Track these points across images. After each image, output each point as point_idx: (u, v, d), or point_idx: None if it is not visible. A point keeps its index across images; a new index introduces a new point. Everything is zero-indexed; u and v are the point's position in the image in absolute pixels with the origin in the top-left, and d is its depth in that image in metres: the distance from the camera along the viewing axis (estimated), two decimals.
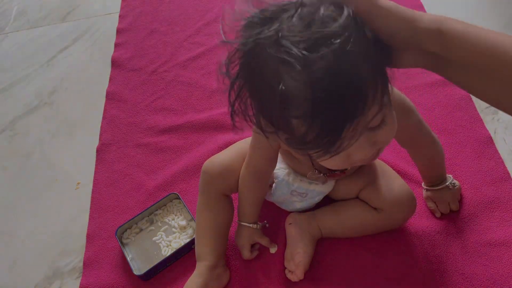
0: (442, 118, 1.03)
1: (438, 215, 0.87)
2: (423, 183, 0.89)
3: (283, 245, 0.86)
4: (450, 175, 0.87)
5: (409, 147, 0.80)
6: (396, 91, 0.66)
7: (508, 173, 0.91)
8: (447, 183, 0.85)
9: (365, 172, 0.81)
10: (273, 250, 0.85)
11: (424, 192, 0.89)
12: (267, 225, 0.86)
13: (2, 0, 1.69)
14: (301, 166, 0.79)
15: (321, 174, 0.77)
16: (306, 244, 0.81)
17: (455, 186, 0.86)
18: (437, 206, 0.87)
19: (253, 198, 0.81)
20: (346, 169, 0.76)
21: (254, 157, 0.76)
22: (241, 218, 0.83)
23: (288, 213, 0.88)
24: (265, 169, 0.78)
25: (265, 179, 0.80)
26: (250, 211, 0.82)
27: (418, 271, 0.81)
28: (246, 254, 0.84)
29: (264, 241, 0.84)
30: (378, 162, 0.84)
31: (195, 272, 0.81)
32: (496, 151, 0.95)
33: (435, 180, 0.86)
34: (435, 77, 1.11)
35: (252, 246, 0.85)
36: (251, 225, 0.82)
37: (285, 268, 0.83)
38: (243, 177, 0.79)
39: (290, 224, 0.85)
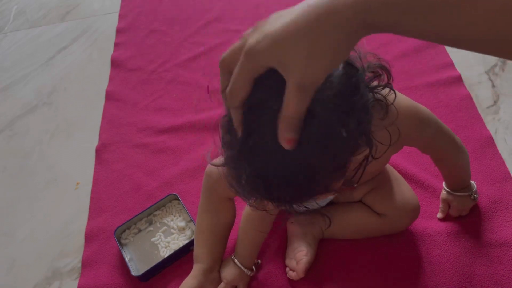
0: (443, 118, 1.01)
1: (441, 216, 0.86)
2: (444, 184, 0.86)
3: (284, 244, 0.85)
4: (474, 182, 0.84)
5: (430, 153, 0.78)
6: (406, 103, 0.63)
7: (509, 173, 0.91)
8: (470, 192, 0.82)
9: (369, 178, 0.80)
10: None
11: (443, 192, 0.86)
12: (259, 262, 0.84)
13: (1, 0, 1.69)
14: None
15: None
16: (308, 243, 0.81)
17: (476, 198, 0.84)
18: (449, 208, 0.85)
19: (252, 238, 0.79)
20: (355, 185, 0.73)
21: None
22: (236, 254, 0.81)
23: None
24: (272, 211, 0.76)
25: (269, 221, 0.78)
26: (246, 251, 0.80)
27: (419, 271, 0.80)
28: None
29: None
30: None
31: (191, 273, 0.80)
32: (497, 151, 0.95)
33: (458, 185, 0.83)
34: (436, 77, 1.10)
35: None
36: (244, 269, 0.80)
37: (286, 266, 0.82)
38: (246, 215, 0.78)
39: (292, 222, 0.84)
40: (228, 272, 0.81)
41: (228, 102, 0.41)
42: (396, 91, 0.55)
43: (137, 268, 0.87)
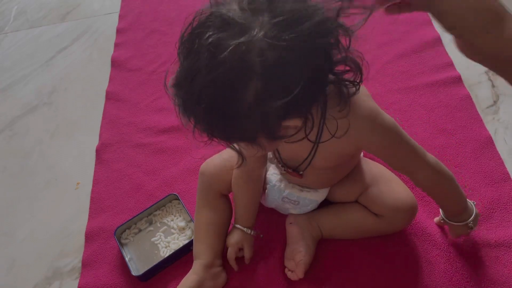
0: (442, 118, 1.02)
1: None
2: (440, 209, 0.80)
3: (283, 244, 0.86)
4: (474, 208, 0.75)
5: (400, 171, 0.73)
6: (370, 105, 0.62)
7: (508, 174, 0.91)
8: (467, 221, 0.74)
9: (361, 177, 0.80)
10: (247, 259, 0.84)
11: (437, 218, 0.83)
12: (261, 236, 0.85)
13: (1, 0, 1.69)
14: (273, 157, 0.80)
15: (281, 166, 0.76)
16: (307, 244, 0.81)
17: (474, 227, 0.75)
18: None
19: (246, 199, 0.81)
20: (301, 172, 0.73)
21: None
22: (236, 220, 0.83)
23: None
24: (255, 167, 0.78)
25: (256, 178, 0.80)
26: (244, 213, 0.82)
27: (418, 271, 0.81)
28: (231, 252, 0.82)
29: (247, 251, 0.82)
30: (377, 166, 0.84)
31: (191, 269, 0.81)
32: (496, 151, 0.95)
33: (450, 212, 0.77)
34: (436, 77, 1.10)
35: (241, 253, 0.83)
36: (244, 229, 0.82)
37: (285, 267, 0.82)
38: (235, 177, 0.80)
39: (290, 223, 0.85)
40: (232, 237, 0.82)
41: None
42: (369, 95, 0.62)
43: (137, 268, 0.87)
